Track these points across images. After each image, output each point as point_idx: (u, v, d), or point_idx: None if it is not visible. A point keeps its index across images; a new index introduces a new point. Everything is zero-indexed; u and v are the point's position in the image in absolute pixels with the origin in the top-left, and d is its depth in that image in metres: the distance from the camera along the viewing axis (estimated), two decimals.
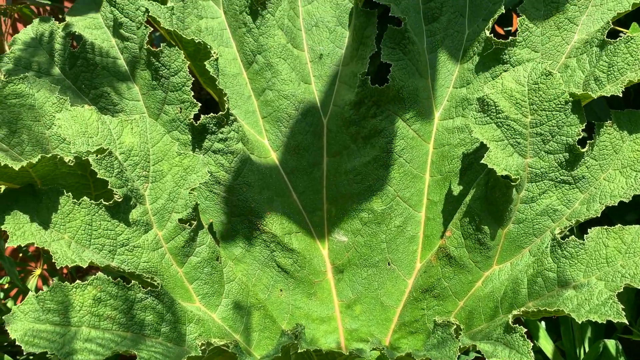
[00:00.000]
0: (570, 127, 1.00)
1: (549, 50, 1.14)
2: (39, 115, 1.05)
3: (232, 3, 1.26)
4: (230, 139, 1.15)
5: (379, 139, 1.21)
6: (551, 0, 1.13)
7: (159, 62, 1.11)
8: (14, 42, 1.20)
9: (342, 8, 1.29)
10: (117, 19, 1.13)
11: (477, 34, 1.18)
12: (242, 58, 1.28)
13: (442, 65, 1.20)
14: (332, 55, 1.29)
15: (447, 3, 1.19)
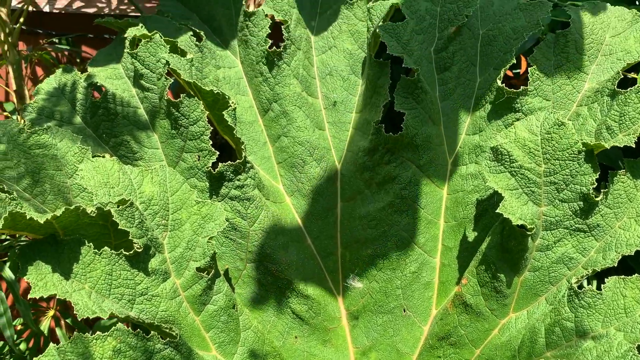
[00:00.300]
0: (583, 176, 1.01)
1: (560, 99, 1.16)
2: (61, 164, 1.08)
3: (249, 54, 1.30)
4: (247, 186, 1.17)
5: (393, 185, 1.23)
6: (561, 50, 1.16)
7: (178, 112, 1.14)
8: (37, 92, 1.24)
9: (355, 57, 1.32)
10: (138, 71, 1.17)
11: (489, 82, 1.20)
12: (258, 106, 1.31)
13: (455, 113, 1.22)
14: (345, 103, 1.32)
15: (459, 53, 1.22)
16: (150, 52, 1.15)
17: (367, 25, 1.26)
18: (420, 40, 1.21)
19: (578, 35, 1.16)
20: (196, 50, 1.26)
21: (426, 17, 1.22)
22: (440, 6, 1.22)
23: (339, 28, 1.33)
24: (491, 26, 1.22)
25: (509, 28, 1.20)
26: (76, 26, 2.14)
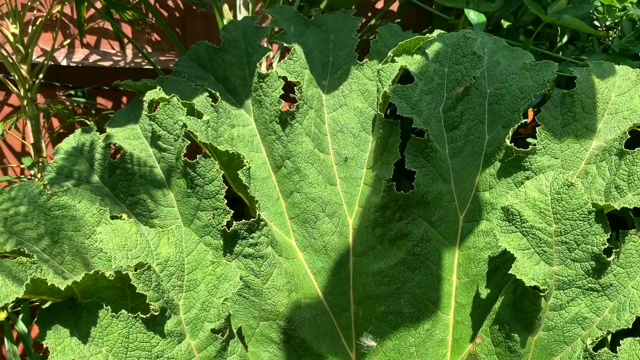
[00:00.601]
0: (594, 236, 1.02)
1: (569, 157, 1.18)
2: (79, 225, 1.11)
3: (262, 113, 1.33)
4: (261, 244, 1.19)
5: (405, 241, 1.24)
6: (568, 110, 1.19)
7: (194, 172, 1.17)
8: (56, 152, 1.27)
9: (365, 115, 1.36)
10: (156, 132, 1.20)
11: (497, 140, 1.22)
12: (271, 162, 1.34)
13: (465, 170, 1.24)
14: (356, 159, 1.34)
15: (467, 112, 1.25)
16: (168, 114, 1.19)
17: (376, 85, 1.30)
18: (428, 100, 1.24)
19: (584, 94, 1.19)
20: (212, 111, 1.30)
21: (434, 78, 1.25)
22: (448, 67, 1.26)
23: (350, 87, 1.37)
24: (498, 85, 1.25)
25: (516, 87, 1.23)
26: (92, 78, 2.21)
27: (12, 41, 1.80)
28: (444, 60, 1.27)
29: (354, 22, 1.43)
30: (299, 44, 1.38)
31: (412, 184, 1.22)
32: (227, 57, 1.40)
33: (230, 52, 1.39)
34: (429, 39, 1.26)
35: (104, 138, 1.26)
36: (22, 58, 1.82)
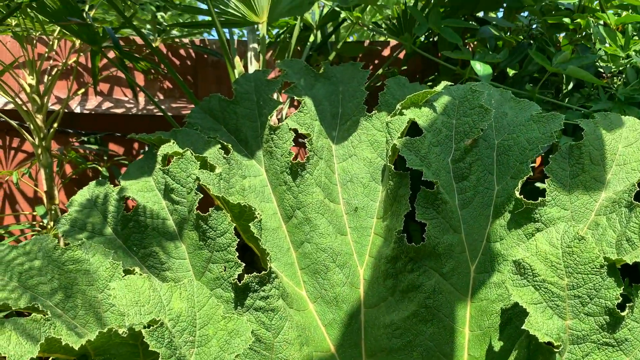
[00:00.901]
0: (607, 290, 1.02)
1: (578, 208, 1.18)
2: (93, 279, 1.11)
3: (273, 164, 1.35)
4: (272, 297, 1.19)
5: (417, 293, 1.23)
6: (576, 161, 1.20)
7: (207, 224, 1.18)
8: (71, 204, 1.29)
9: (374, 165, 1.38)
10: (169, 185, 1.22)
11: (507, 191, 1.23)
12: (282, 212, 1.35)
13: (475, 221, 1.24)
14: (366, 209, 1.36)
15: (476, 163, 1.26)
16: (181, 168, 1.21)
17: (385, 136, 1.32)
18: (437, 151, 1.26)
19: (592, 146, 1.20)
20: (224, 162, 1.32)
21: (442, 130, 1.27)
22: (455, 119, 1.28)
23: (359, 138, 1.40)
24: (506, 136, 1.27)
25: (523, 139, 1.25)
26: (104, 125, 2.26)
27: (29, 92, 1.85)
28: (451, 113, 1.29)
29: (362, 75, 1.46)
30: (309, 96, 1.41)
31: (422, 235, 1.22)
32: (239, 109, 1.43)
33: (242, 105, 1.43)
34: (436, 92, 1.29)
35: (117, 191, 1.28)
36: (37, 108, 1.87)
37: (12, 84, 2.06)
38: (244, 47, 2.19)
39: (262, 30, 1.71)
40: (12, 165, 2.25)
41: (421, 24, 1.52)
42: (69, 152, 2.07)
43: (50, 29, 1.97)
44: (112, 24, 2.07)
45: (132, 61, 1.88)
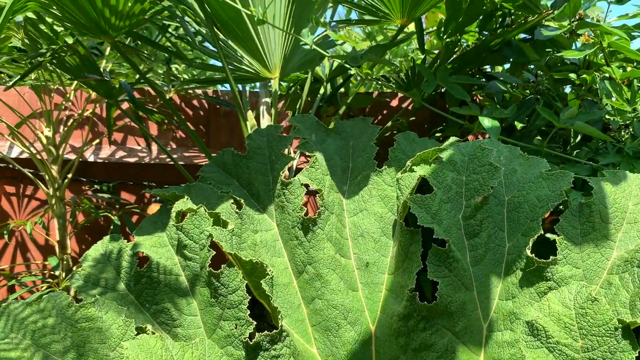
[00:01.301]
0: (622, 353, 1.01)
1: (590, 267, 1.18)
2: (105, 337, 1.12)
3: (285, 218, 1.37)
4: (283, 356, 1.18)
5: (429, 352, 1.22)
6: (587, 220, 1.20)
7: (218, 281, 1.19)
8: (85, 259, 1.30)
9: (385, 220, 1.39)
10: (182, 241, 1.24)
11: (518, 248, 1.23)
12: (293, 268, 1.36)
13: (486, 278, 1.24)
14: (378, 264, 1.36)
15: (486, 220, 1.27)
16: (195, 224, 1.23)
17: (396, 192, 1.33)
18: (448, 208, 1.27)
19: (601, 204, 1.21)
20: (236, 217, 1.33)
21: (452, 187, 1.29)
22: (465, 176, 1.30)
23: (369, 192, 1.41)
24: (516, 193, 1.28)
25: (533, 196, 1.25)
26: (117, 173, 2.29)
27: (45, 143, 1.89)
28: (461, 169, 1.30)
29: (372, 130, 1.49)
30: (320, 151, 1.44)
31: (433, 292, 1.22)
32: (252, 163, 1.45)
33: (255, 159, 1.45)
34: (445, 149, 1.31)
35: (131, 246, 1.29)
36: (53, 159, 1.90)
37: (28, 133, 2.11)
38: (255, 98, 2.25)
39: (275, 86, 1.76)
40: (25, 212, 2.28)
41: (429, 81, 1.56)
42: (82, 201, 2.10)
43: (68, 81, 2.03)
44: (127, 76, 2.13)
45: (147, 113, 1.92)
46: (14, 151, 2.18)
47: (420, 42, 1.75)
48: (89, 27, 1.45)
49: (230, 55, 1.75)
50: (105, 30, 1.45)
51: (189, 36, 1.53)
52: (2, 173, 2.25)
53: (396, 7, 1.55)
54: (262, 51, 1.73)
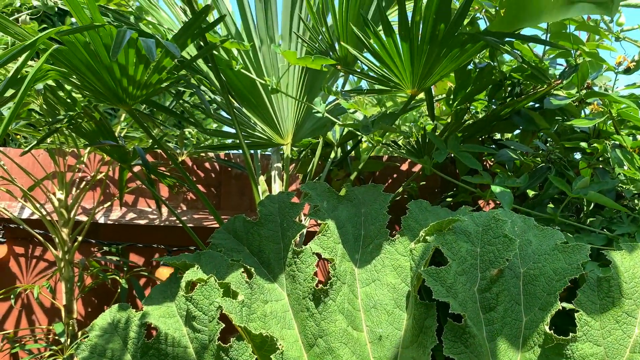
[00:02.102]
0: None
1: (612, 344, 1.14)
2: None
3: (296, 288, 1.34)
4: None
5: None
6: (606, 295, 1.17)
7: (227, 356, 1.16)
8: (92, 329, 1.28)
9: (398, 291, 1.36)
10: (191, 312, 1.21)
11: (535, 322, 1.20)
12: (304, 340, 1.32)
13: (504, 355, 1.20)
14: (391, 338, 1.32)
15: (502, 293, 1.24)
16: (204, 295, 1.21)
17: (409, 263, 1.31)
18: (463, 281, 1.24)
19: (620, 279, 1.18)
20: (246, 287, 1.31)
21: (467, 258, 1.27)
22: (480, 247, 1.28)
23: (382, 262, 1.39)
24: (531, 265, 1.26)
25: (549, 269, 1.23)
26: (127, 235, 2.29)
27: (57, 206, 1.90)
28: (475, 241, 1.29)
29: (384, 198, 1.48)
30: (332, 218, 1.43)
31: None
32: (263, 230, 1.45)
33: (266, 226, 1.45)
34: (459, 219, 1.30)
35: (139, 316, 1.27)
36: (64, 222, 1.91)
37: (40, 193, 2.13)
38: (267, 160, 2.27)
39: (287, 152, 1.77)
40: (33, 274, 2.27)
41: (440, 150, 1.57)
42: (90, 264, 2.09)
43: (82, 144, 2.06)
44: (140, 140, 2.17)
45: (159, 177, 1.94)
46: (25, 212, 2.19)
47: (430, 110, 1.77)
48: (107, 95, 1.48)
49: (243, 122, 1.77)
50: (123, 98, 1.48)
51: (203, 104, 1.56)
52: (12, 234, 2.25)
53: (407, 77, 1.58)
54: (275, 118, 1.76)
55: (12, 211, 2.15)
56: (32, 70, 1.32)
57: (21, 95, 1.32)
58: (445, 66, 1.57)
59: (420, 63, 1.54)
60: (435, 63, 1.55)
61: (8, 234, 2.23)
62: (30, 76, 1.34)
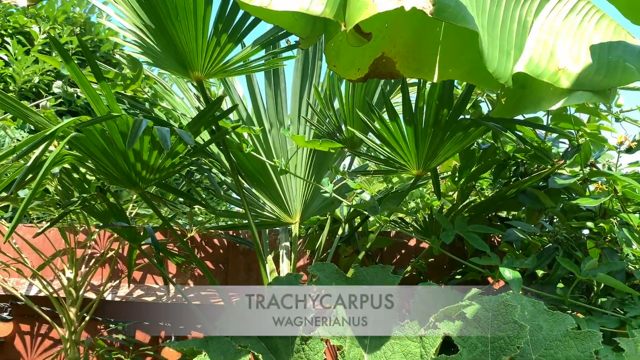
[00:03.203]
0: None
1: None
2: None
3: None
4: None
5: None
6: None
7: None
8: None
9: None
10: None
11: None
12: None
13: None
14: None
15: None
16: None
17: (420, 350, 1.30)
18: None
19: None
20: None
21: (478, 345, 1.25)
22: (490, 333, 1.26)
23: (392, 348, 1.37)
24: (543, 352, 1.24)
25: (562, 356, 1.21)
26: (134, 312, 2.27)
27: (66, 285, 1.90)
28: (485, 326, 1.27)
29: (392, 280, 1.48)
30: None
31: None
32: None
33: None
34: (469, 305, 1.29)
35: None
36: (72, 301, 1.91)
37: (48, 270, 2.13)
38: (274, 236, 2.28)
39: (295, 230, 1.79)
40: (38, 352, 2.24)
41: (448, 231, 1.58)
42: (96, 343, 2.06)
43: (94, 222, 2.09)
44: (151, 217, 2.20)
45: (168, 256, 1.95)
46: (33, 289, 2.19)
47: (437, 189, 1.80)
48: (121, 179, 1.52)
49: (252, 202, 1.81)
50: (136, 182, 1.52)
51: (214, 186, 1.60)
52: (19, 311, 2.24)
53: (412, 159, 1.61)
54: (284, 198, 1.79)
55: (20, 288, 2.16)
56: (51, 155, 1.37)
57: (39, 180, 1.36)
58: (449, 148, 1.62)
59: (425, 145, 1.59)
60: (439, 145, 1.59)
61: (15, 311, 2.23)
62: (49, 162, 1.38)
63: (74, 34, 4.46)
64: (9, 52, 4.22)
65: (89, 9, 5.15)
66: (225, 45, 1.40)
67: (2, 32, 4.54)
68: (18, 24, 4.56)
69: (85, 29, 5.11)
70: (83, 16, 5.01)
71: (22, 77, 4.19)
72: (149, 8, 1.42)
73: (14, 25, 4.57)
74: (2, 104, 1.43)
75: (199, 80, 1.49)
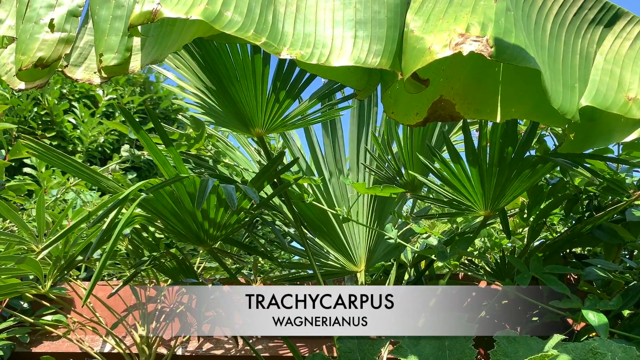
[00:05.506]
0: None
1: None
2: None
3: None
4: None
5: None
6: None
7: None
8: None
9: None
10: None
11: None
12: None
13: None
14: None
15: None
16: None
17: None
18: None
19: None
20: None
21: None
22: None
23: None
24: None
25: None
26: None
27: (139, 342, 1.94)
28: None
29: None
30: (414, 354, 1.38)
31: None
32: None
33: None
34: (554, 355, 1.22)
35: None
36: (145, 358, 1.93)
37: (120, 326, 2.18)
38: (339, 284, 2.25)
39: (360, 279, 1.76)
40: None
41: (523, 274, 1.51)
42: None
43: (163, 278, 2.14)
44: (217, 269, 2.22)
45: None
46: (107, 346, 2.24)
47: (506, 228, 1.74)
48: (189, 237, 1.56)
49: (316, 251, 1.80)
50: (203, 239, 1.55)
51: (278, 238, 1.60)
52: None
53: (479, 200, 1.57)
54: (348, 246, 1.77)
55: (94, 346, 2.21)
56: (123, 218, 1.42)
57: (113, 243, 1.41)
58: (517, 187, 1.56)
59: (491, 185, 1.54)
60: (506, 184, 1.54)
61: None
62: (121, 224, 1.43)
63: (141, 99, 4.70)
64: (77, 116, 4.49)
65: (147, 69, 5.44)
66: (283, 101, 1.43)
67: (70, 97, 4.84)
68: (84, 88, 4.86)
69: (145, 88, 5.40)
70: (142, 76, 5.29)
71: (88, 138, 4.44)
72: (210, 71, 1.47)
73: (80, 90, 4.88)
74: (77, 172, 1.50)
75: (260, 136, 1.52)
